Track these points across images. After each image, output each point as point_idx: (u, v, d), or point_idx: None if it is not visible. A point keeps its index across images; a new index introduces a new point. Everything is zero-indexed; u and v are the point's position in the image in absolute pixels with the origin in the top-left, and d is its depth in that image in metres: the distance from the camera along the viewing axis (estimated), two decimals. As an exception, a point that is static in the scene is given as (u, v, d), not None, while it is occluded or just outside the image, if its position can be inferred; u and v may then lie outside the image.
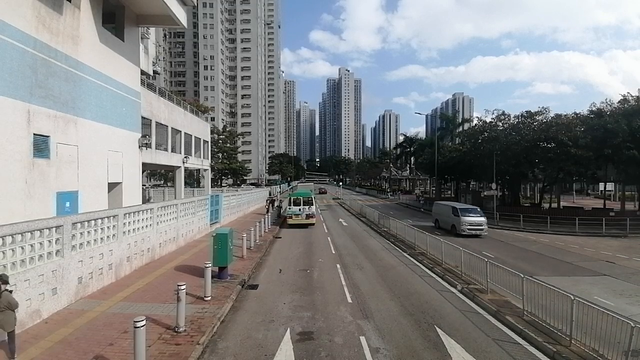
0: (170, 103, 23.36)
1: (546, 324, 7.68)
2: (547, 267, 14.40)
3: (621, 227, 23.24)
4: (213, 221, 20.69)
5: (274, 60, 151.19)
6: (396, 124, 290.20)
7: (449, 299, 9.98)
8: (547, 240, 20.94)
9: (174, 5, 16.94)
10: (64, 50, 11.90)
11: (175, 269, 12.11)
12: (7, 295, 5.65)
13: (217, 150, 61.43)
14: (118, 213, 10.73)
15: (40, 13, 10.78)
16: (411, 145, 66.60)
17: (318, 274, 12.53)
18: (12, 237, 6.73)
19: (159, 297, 9.15)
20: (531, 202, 41.33)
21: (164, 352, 6.33)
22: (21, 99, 10.10)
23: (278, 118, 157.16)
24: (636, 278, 12.73)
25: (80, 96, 12.81)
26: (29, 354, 6.05)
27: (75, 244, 8.62)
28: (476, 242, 19.34)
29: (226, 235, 10.96)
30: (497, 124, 33.36)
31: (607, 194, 43.44)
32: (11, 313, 5.64)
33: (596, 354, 6.36)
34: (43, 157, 10.96)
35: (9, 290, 5.81)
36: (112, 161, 14.96)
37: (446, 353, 6.79)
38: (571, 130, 27.10)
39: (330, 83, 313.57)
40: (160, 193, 37.81)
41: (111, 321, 7.55)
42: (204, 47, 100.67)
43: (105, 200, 14.32)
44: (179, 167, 24.78)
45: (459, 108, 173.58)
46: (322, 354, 6.74)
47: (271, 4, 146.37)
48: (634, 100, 26.74)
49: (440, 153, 39.88)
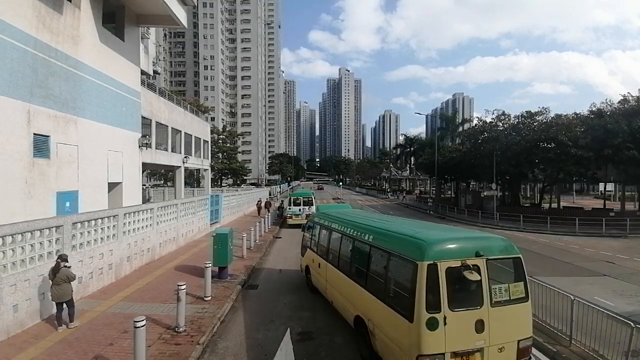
0: (170, 103, 23.37)
1: (546, 324, 7.66)
2: (547, 267, 14.40)
3: (621, 228, 23.22)
4: (213, 221, 20.69)
5: (274, 60, 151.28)
6: (396, 124, 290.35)
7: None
8: (547, 241, 20.94)
9: (174, 5, 16.94)
10: (64, 50, 11.91)
11: (175, 268, 12.11)
12: (66, 270, 6.99)
13: (217, 150, 61.40)
14: (118, 213, 10.73)
15: (41, 13, 10.78)
16: (411, 145, 66.54)
17: (318, 274, 12.50)
18: (12, 237, 6.72)
19: (159, 297, 9.15)
20: (531, 202, 41.33)
21: (164, 352, 6.33)
22: (21, 99, 10.10)
23: (278, 118, 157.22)
24: (636, 278, 12.73)
25: (80, 96, 12.81)
26: (29, 353, 6.05)
27: (75, 244, 8.62)
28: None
29: (226, 235, 10.95)
30: (497, 124, 33.35)
31: (607, 194, 43.47)
32: (68, 285, 7.00)
33: (596, 354, 6.35)
34: (43, 157, 10.96)
35: (67, 266, 7.07)
36: (112, 161, 14.97)
37: (446, 353, 6.77)
38: (571, 130, 27.09)
39: (330, 83, 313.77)
40: (160, 193, 37.83)
41: (111, 321, 7.55)
42: (204, 47, 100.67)
43: (105, 200, 14.32)
44: (179, 167, 24.79)
45: (459, 108, 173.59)
46: (322, 354, 6.73)
47: (271, 3, 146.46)
48: (634, 101, 26.71)
49: (440, 153, 39.85)
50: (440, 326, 4.72)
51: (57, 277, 6.84)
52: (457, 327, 4.78)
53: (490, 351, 4.93)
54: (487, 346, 4.91)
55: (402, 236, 5.89)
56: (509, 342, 5.05)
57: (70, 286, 7.03)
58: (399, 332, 5.15)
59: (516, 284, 5.28)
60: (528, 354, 5.32)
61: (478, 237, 5.76)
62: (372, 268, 6.37)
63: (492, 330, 4.93)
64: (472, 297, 4.95)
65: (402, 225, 7.23)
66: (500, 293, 5.10)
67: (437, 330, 4.70)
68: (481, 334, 4.89)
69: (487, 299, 4.98)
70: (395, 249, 5.75)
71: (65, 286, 6.92)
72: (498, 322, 4.98)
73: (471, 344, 4.86)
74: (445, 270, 4.85)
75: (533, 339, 5.73)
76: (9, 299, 6.54)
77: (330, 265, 8.46)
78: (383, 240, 6.27)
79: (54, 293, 6.89)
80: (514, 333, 5.11)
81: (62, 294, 6.90)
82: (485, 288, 4.99)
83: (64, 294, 6.92)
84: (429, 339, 4.69)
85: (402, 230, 6.22)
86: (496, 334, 4.96)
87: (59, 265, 6.93)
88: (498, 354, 4.97)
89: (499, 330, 4.97)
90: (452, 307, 4.80)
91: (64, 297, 6.93)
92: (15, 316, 6.70)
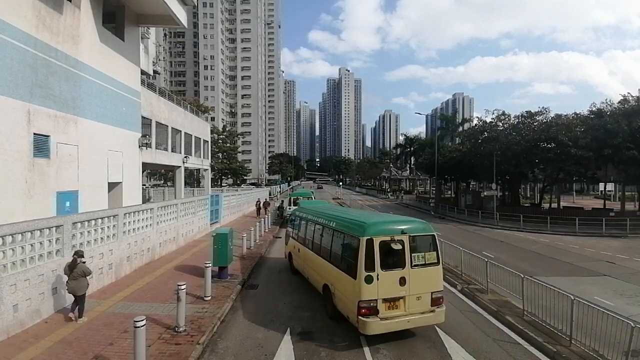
0: (170, 103, 23.37)
1: (546, 324, 7.67)
2: (547, 267, 14.41)
3: (621, 228, 23.24)
4: (213, 221, 20.68)
5: (274, 60, 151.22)
6: (396, 124, 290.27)
7: (449, 299, 9.92)
8: (547, 241, 20.94)
9: (174, 5, 16.94)
10: (64, 50, 11.90)
11: (175, 268, 12.11)
12: (82, 265, 7.47)
13: (217, 150, 61.35)
14: (118, 213, 10.73)
15: (41, 13, 10.78)
16: (411, 145, 66.55)
17: (318, 273, 12.50)
18: (12, 237, 6.72)
19: (159, 297, 9.15)
20: (531, 202, 41.34)
21: (164, 352, 6.33)
22: (21, 99, 10.10)
23: (278, 118, 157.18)
24: (636, 278, 12.73)
25: (80, 96, 12.81)
26: (29, 353, 6.05)
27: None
28: (476, 242, 19.35)
29: (226, 235, 10.95)
30: (497, 124, 33.37)
31: (607, 194, 43.47)
32: (84, 279, 7.45)
33: (596, 354, 6.36)
34: (43, 157, 10.96)
35: (83, 262, 7.55)
36: (112, 161, 14.96)
37: (446, 353, 6.79)
38: (571, 130, 27.11)
39: (330, 83, 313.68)
40: (160, 193, 37.84)
41: (111, 321, 7.55)
42: (204, 47, 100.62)
43: (105, 200, 14.32)
44: (179, 166, 24.79)
45: (459, 108, 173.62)
46: (322, 353, 6.73)
47: (271, 3, 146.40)
48: (634, 101, 26.73)
49: (440, 153, 39.85)
50: (375, 281, 6.78)
51: (74, 272, 7.30)
52: (386, 281, 6.85)
53: (410, 299, 7.01)
54: (407, 295, 6.98)
55: (353, 221, 8.06)
56: (424, 293, 7.13)
57: (86, 280, 7.49)
58: (348, 287, 7.20)
59: (430, 253, 7.37)
60: (440, 302, 7.34)
61: (404, 221, 7.82)
62: (333, 246, 8.42)
63: (411, 284, 7.00)
64: (397, 261, 7.01)
65: (355, 213, 9.88)
66: (418, 259, 7.19)
67: (372, 284, 6.77)
68: (403, 287, 6.95)
69: (408, 262, 7.06)
70: (347, 230, 7.87)
71: (82, 280, 7.41)
72: (416, 278, 7.05)
73: (396, 293, 6.92)
74: (379, 243, 6.91)
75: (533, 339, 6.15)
76: (8, 299, 6.54)
77: (306, 248, 10.32)
78: (341, 225, 8.34)
79: (70, 287, 7.33)
80: (428, 287, 7.18)
81: (79, 288, 7.38)
82: (407, 255, 7.06)
83: (80, 287, 7.40)
84: (366, 289, 6.74)
85: (354, 217, 8.48)
86: (414, 287, 7.03)
87: (76, 261, 7.41)
88: (416, 301, 7.06)
89: (416, 285, 7.05)
90: (383, 268, 6.87)
91: (80, 290, 7.41)
92: (15, 316, 6.69)
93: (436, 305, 7.22)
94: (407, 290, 6.95)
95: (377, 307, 6.76)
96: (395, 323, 6.86)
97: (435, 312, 7.18)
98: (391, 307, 6.89)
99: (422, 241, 7.41)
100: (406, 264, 7.01)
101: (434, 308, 7.18)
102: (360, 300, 6.70)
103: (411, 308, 6.98)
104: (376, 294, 6.75)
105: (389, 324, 6.81)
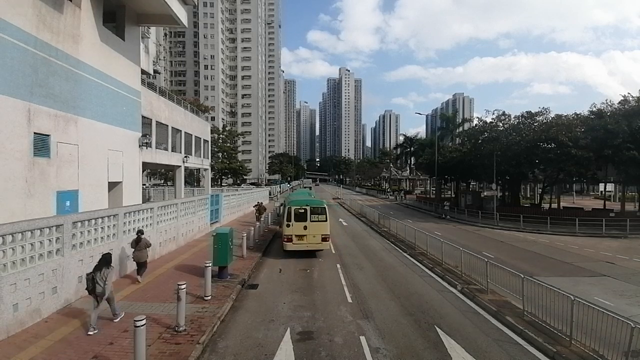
0: (170, 102, 23.37)
1: (546, 324, 7.67)
2: (547, 267, 14.41)
3: (621, 228, 23.23)
4: (213, 221, 20.68)
5: (274, 60, 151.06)
6: (396, 124, 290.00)
7: (449, 299, 9.98)
8: (547, 241, 20.94)
9: (174, 5, 16.95)
10: (65, 49, 11.91)
11: (175, 268, 12.11)
12: (145, 240, 10.34)
13: (217, 150, 61.35)
14: (118, 212, 10.72)
15: (41, 12, 10.78)
16: (411, 145, 66.51)
17: (318, 273, 12.53)
18: (12, 236, 6.72)
19: (159, 297, 9.15)
20: (531, 203, 41.32)
21: (164, 352, 6.33)
22: (21, 98, 10.11)
23: (278, 118, 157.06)
24: (636, 279, 12.73)
25: (80, 95, 12.81)
26: (29, 352, 6.05)
27: (76, 243, 8.61)
28: (476, 243, 19.35)
29: (226, 235, 10.95)
30: (498, 125, 33.33)
31: (607, 194, 43.45)
32: (145, 251, 10.22)
33: (596, 354, 6.35)
34: (43, 156, 10.96)
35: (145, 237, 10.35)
36: (112, 160, 14.97)
37: (446, 353, 6.79)
38: (571, 130, 27.09)
39: (330, 83, 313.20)
40: (160, 192, 37.85)
41: (111, 320, 7.54)
42: (204, 46, 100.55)
43: (105, 200, 14.32)
44: (179, 166, 24.79)
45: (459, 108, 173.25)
46: (322, 353, 6.74)
47: (272, 3, 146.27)
48: (634, 101, 26.69)
49: (440, 153, 39.80)
50: (291, 227, 14.35)
51: (140, 244, 10.04)
52: (297, 227, 14.34)
53: (309, 237, 14.32)
54: (308, 234, 14.32)
55: (290, 200, 15.85)
56: (317, 234, 14.34)
57: (147, 251, 10.31)
58: (283, 229, 14.88)
59: (321, 215, 14.51)
60: (327, 239, 14.61)
61: (310, 200, 15.83)
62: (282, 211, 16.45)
63: (310, 229, 14.34)
64: (303, 218, 14.35)
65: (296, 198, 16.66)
66: (314, 217, 14.40)
67: (290, 228, 14.35)
68: (306, 230, 14.33)
69: (308, 219, 14.38)
70: (287, 204, 15.16)
71: (144, 251, 10.14)
72: (313, 226, 14.36)
73: (302, 232, 14.33)
74: (294, 209, 14.49)
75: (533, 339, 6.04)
76: (8, 298, 6.54)
77: (286, 222, 14.76)
78: (289, 202, 15.22)
79: (135, 256, 10.09)
80: (319, 231, 14.36)
81: (142, 256, 10.06)
82: (308, 215, 14.41)
83: (142, 256, 10.08)
84: (287, 230, 14.41)
85: (292, 199, 16.34)
86: (312, 231, 14.33)
87: (140, 237, 10.11)
88: (313, 238, 14.32)
89: (313, 229, 14.34)
90: (295, 221, 14.32)
91: (142, 258, 10.09)
92: (15, 315, 6.69)
93: (324, 241, 14.43)
94: (308, 232, 14.31)
95: (292, 238, 14.31)
96: (300, 246, 14.33)
97: (322, 244, 14.46)
98: (299, 239, 14.32)
99: (317, 210, 14.60)
100: (307, 219, 14.33)
101: (322, 242, 14.41)
102: (285, 234, 14.52)
103: (310, 241, 14.33)
104: (292, 233, 14.31)
105: (297, 246, 14.32)
